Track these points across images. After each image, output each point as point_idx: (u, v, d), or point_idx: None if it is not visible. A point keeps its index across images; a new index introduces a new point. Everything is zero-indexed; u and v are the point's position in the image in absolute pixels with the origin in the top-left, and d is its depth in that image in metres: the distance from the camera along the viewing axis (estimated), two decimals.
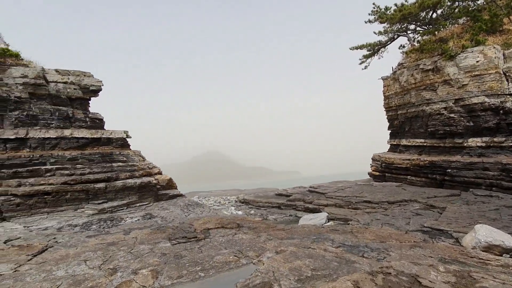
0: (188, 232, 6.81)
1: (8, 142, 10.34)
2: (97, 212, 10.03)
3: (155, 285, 4.06)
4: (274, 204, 13.37)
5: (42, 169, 10.35)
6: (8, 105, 10.75)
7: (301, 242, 5.78)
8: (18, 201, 9.36)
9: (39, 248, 6.12)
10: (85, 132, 11.96)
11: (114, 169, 11.72)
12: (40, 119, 11.27)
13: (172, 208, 11.54)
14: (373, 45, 19.90)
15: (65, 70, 12.43)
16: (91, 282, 4.25)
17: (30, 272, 4.84)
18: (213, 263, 4.74)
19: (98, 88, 13.04)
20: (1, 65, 10.98)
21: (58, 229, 8.49)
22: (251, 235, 6.44)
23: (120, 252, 5.62)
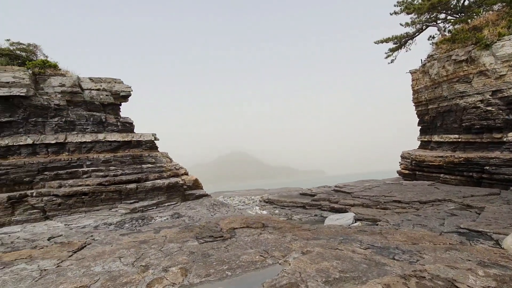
0: (214, 231, 6.96)
1: (50, 147, 11.22)
2: (129, 211, 10.56)
3: (184, 282, 4.21)
4: (298, 204, 13.26)
5: (79, 171, 11.10)
6: (49, 112, 11.65)
7: (327, 243, 5.69)
8: (59, 201, 10.12)
9: (78, 245, 6.58)
10: (117, 135, 12.64)
11: (144, 170, 12.28)
12: (76, 124, 12.09)
13: (198, 207, 11.85)
14: (400, 37, 19.02)
15: (97, 77, 13.22)
16: (125, 278, 4.49)
17: (71, 267, 5.22)
18: (240, 263, 4.81)
19: (128, 94, 13.71)
20: (42, 75, 11.93)
21: (95, 227, 9.05)
22: (276, 235, 6.45)
23: (151, 250, 5.88)
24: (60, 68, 12.65)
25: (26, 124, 11.15)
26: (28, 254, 6.07)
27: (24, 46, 12.60)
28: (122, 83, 13.80)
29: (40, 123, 11.40)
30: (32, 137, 10.95)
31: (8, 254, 6.15)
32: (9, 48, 12.21)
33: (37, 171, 10.53)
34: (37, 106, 11.34)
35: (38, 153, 11.02)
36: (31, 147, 10.91)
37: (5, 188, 10.00)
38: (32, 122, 11.23)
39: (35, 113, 11.32)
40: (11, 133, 10.86)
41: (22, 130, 11.03)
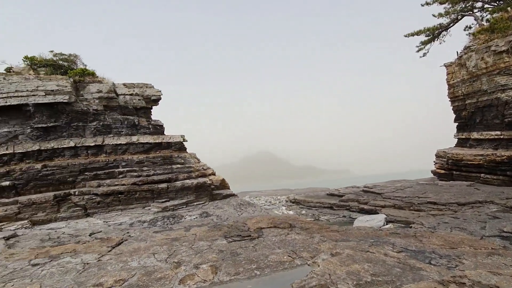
0: (242, 230, 7.08)
1: (89, 149, 12.08)
2: (161, 210, 11.05)
3: (215, 280, 4.34)
4: (325, 204, 13.04)
5: (116, 171, 11.84)
6: (88, 117, 12.55)
7: (357, 245, 5.55)
8: (98, 200, 10.87)
9: (116, 241, 7.02)
10: (149, 137, 13.28)
11: (173, 170, 12.78)
12: (112, 128, 12.89)
13: (226, 207, 12.08)
14: (433, 29, 17.92)
15: (131, 83, 13.99)
16: (160, 274, 4.73)
17: (110, 262, 5.59)
18: (268, 262, 4.85)
19: (158, 98, 14.36)
20: (82, 83, 12.88)
21: (130, 225, 9.59)
22: (304, 236, 6.41)
23: (182, 247, 6.12)
24: (97, 76, 13.57)
25: (68, 128, 12.10)
26: (72, 248, 6.60)
27: (65, 56, 13.69)
28: (152, 87, 14.48)
29: (81, 127, 12.31)
30: (74, 140, 11.87)
31: (55, 248, 6.72)
32: (52, 59, 13.32)
33: (79, 171, 11.40)
34: (78, 112, 12.26)
35: (80, 155, 11.92)
36: (73, 150, 11.83)
37: (52, 187, 10.95)
38: (74, 126, 12.17)
39: (76, 118, 12.26)
40: (56, 137, 11.86)
41: (65, 134, 12.00)
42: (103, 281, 4.57)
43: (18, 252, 6.50)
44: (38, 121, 11.53)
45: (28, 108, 11.30)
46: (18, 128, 11.37)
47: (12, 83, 11.14)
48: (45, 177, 10.89)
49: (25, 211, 9.83)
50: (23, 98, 11.17)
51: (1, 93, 10.91)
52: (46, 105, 11.57)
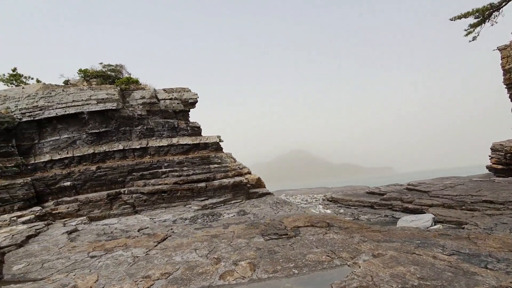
0: (279, 229, 7.10)
1: (136, 151, 13.07)
2: (200, 208, 11.55)
3: (253, 277, 4.43)
4: (365, 203, 12.50)
5: (159, 171, 12.65)
6: (134, 121, 13.57)
7: (402, 246, 5.24)
8: (145, 198, 11.72)
9: (161, 236, 7.50)
10: (187, 139, 13.95)
11: (211, 170, 13.26)
12: (155, 131, 13.79)
13: (262, 205, 12.21)
14: (483, 10, 16.05)
15: (170, 88, 14.83)
16: (201, 269, 4.96)
17: (156, 256, 6.00)
18: (306, 261, 4.82)
19: (195, 101, 15.01)
20: (127, 90, 13.97)
21: (173, 222, 10.18)
22: (342, 235, 6.23)
23: (221, 244, 6.34)
24: (140, 83, 14.62)
25: (117, 133, 13.22)
26: (124, 242, 7.21)
27: (113, 66, 14.96)
28: (190, 91, 15.17)
29: (128, 131, 13.37)
30: (122, 144, 12.94)
31: (110, 242, 7.40)
32: (102, 70, 14.65)
33: (127, 172, 12.40)
34: (125, 117, 13.33)
35: (127, 157, 12.96)
36: (122, 152, 12.90)
37: (105, 187, 12.07)
38: (121, 130, 13.26)
39: (124, 123, 13.34)
40: (107, 141, 13.03)
41: (115, 138, 13.13)
42: (150, 274, 4.93)
43: (78, 245, 7.29)
44: (91, 127, 12.79)
45: (83, 115, 12.58)
46: (75, 134, 12.73)
47: (70, 94, 12.50)
48: (99, 177, 12.05)
49: (84, 208, 10.98)
50: (79, 107, 12.47)
51: (61, 103, 12.31)
52: (98, 113, 12.78)
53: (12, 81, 13.81)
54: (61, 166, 12.04)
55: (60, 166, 12.01)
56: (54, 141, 12.41)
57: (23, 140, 12.13)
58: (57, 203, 10.96)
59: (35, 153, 12.20)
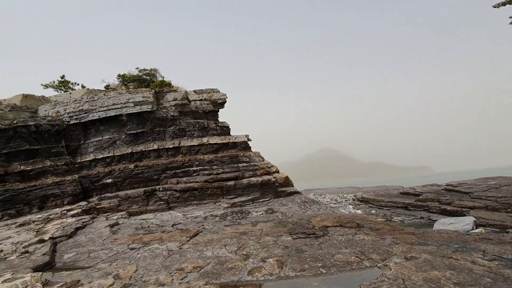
0: (307, 228, 7.10)
1: (169, 151, 13.77)
2: (229, 205, 11.87)
3: (281, 274, 4.52)
4: (399, 204, 11.96)
5: (190, 170, 13.21)
6: (167, 122, 14.29)
7: (438, 250, 5.00)
8: (178, 195, 12.32)
9: (193, 232, 7.87)
10: (217, 138, 14.37)
11: (240, 169, 13.54)
12: (186, 131, 14.39)
13: (290, 204, 12.22)
14: None
15: (200, 89, 15.36)
16: (231, 264, 5.15)
17: (189, 250, 6.33)
18: (334, 261, 4.80)
19: (224, 101, 15.39)
20: (161, 93, 14.74)
21: (204, 218, 10.59)
22: (373, 237, 6.08)
23: (250, 241, 6.51)
24: (173, 85, 15.33)
25: (152, 133, 14.02)
26: (159, 236, 7.68)
27: (147, 71, 15.86)
28: (219, 92, 15.59)
29: (162, 132, 14.12)
30: (157, 143, 13.70)
31: (147, 235, 7.93)
32: (138, 74, 15.60)
33: (161, 170, 13.12)
34: (159, 118, 14.09)
35: (162, 156, 13.69)
36: (156, 152, 13.67)
37: (142, 184, 12.88)
38: (156, 131, 14.04)
39: (158, 124, 14.10)
40: (143, 141, 13.88)
41: (150, 138, 13.94)
42: (184, 267, 5.24)
43: (119, 238, 7.91)
44: (129, 128, 13.71)
45: (122, 117, 13.52)
46: (115, 135, 13.72)
47: (110, 98, 13.50)
48: (137, 175, 12.89)
49: (123, 204, 11.83)
50: (118, 110, 13.43)
51: (103, 107, 13.35)
52: (135, 114, 13.66)
53: (61, 87, 15.29)
54: (103, 164, 13.08)
55: (102, 165, 13.06)
56: (97, 142, 13.52)
57: (71, 141, 13.37)
58: (100, 199, 11.94)
59: (81, 153, 13.39)
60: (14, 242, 7.31)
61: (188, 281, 4.57)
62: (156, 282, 4.61)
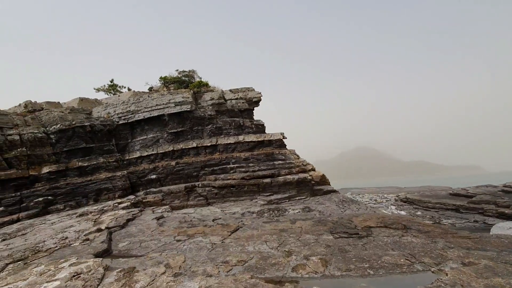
0: (348, 227, 6.93)
1: (207, 149, 14.28)
2: (266, 202, 11.98)
3: (325, 273, 4.49)
4: (449, 206, 11.10)
5: (227, 167, 13.57)
6: (205, 121, 14.83)
7: (498, 256, 4.59)
8: (216, 191, 12.74)
9: (233, 227, 8.10)
10: (252, 136, 14.57)
11: (275, 166, 13.59)
12: (223, 129, 14.79)
13: (327, 203, 11.99)
14: None
15: (235, 88, 15.67)
16: (273, 260, 5.23)
17: (231, 244, 6.53)
18: (382, 263, 4.64)
19: (259, 99, 15.53)
20: (199, 93, 15.31)
21: (242, 214, 10.83)
22: (423, 239, 5.75)
23: (290, 239, 6.53)
24: (209, 85, 15.84)
25: (191, 132, 14.65)
26: (202, 230, 8.03)
27: (186, 72, 16.58)
28: (253, 90, 15.76)
29: (200, 130, 14.69)
30: (195, 142, 14.29)
31: (190, 229, 8.34)
32: (178, 76, 16.37)
33: (200, 167, 13.66)
34: (197, 117, 14.67)
35: (200, 153, 14.25)
36: (195, 149, 14.26)
37: (182, 180, 13.54)
38: (195, 130, 14.64)
39: (196, 122, 14.69)
40: (183, 139, 14.56)
41: (189, 136, 14.59)
42: (228, 260, 5.43)
43: (166, 230, 8.42)
44: (171, 127, 14.47)
45: (164, 117, 14.32)
46: (158, 134, 14.58)
47: (153, 99, 14.36)
48: (178, 172, 13.59)
49: (166, 198, 12.55)
50: (161, 110, 14.24)
51: (147, 108, 14.26)
52: (175, 114, 14.38)
53: (110, 91, 16.64)
54: (148, 161, 14.00)
55: (147, 162, 13.98)
56: (142, 140, 14.50)
57: (120, 139, 14.51)
58: (146, 193, 12.80)
59: (129, 150, 14.46)
60: (76, 230, 8.15)
61: (234, 273, 4.74)
62: (204, 273, 4.85)
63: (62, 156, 12.39)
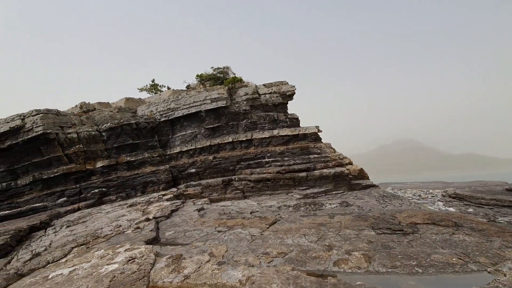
0: (391, 223, 6.67)
1: (242, 143, 14.58)
2: (302, 196, 11.94)
3: (369, 269, 4.40)
4: (505, 203, 10.08)
5: (263, 161, 13.75)
6: (239, 116, 15.11)
7: None
8: (252, 185, 13.01)
9: (271, 220, 8.24)
10: (287, 130, 14.53)
11: (311, 160, 13.44)
12: (257, 124, 14.96)
13: (366, 198, 11.59)
14: None
15: (269, 83, 15.70)
16: (314, 253, 5.25)
17: (270, 236, 6.67)
18: (431, 261, 4.43)
19: (293, 93, 15.39)
20: (233, 89, 15.61)
21: (278, 208, 10.93)
22: (477, 238, 5.34)
23: (329, 233, 6.48)
24: (243, 81, 16.05)
25: (227, 127, 15.04)
26: (241, 222, 8.29)
27: (221, 69, 16.98)
28: (287, 84, 15.64)
29: (235, 125, 15.02)
30: (231, 136, 14.66)
31: (230, 220, 8.65)
32: (213, 73, 16.84)
33: (236, 161, 14.01)
34: (232, 113, 15.00)
35: (236, 148, 14.60)
36: (231, 144, 14.64)
37: (219, 174, 14.02)
38: (230, 125, 15.01)
39: (231, 118, 15.04)
40: (219, 135, 15.02)
41: (225, 131, 15.00)
42: (269, 251, 5.58)
43: (207, 221, 8.84)
44: (207, 123, 15.01)
45: (201, 113, 14.88)
46: (196, 129, 15.22)
47: (191, 96, 14.98)
48: (215, 166, 14.10)
49: (205, 191, 13.12)
50: (198, 107, 14.81)
51: (186, 105, 14.92)
52: (212, 110, 14.86)
53: (152, 90, 17.70)
54: (187, 156, 14.72)
55: (187, 156, 14.71)
56: (182, 136, 15.25)
57: (162, 136, 15.43)
58: (186, 186, 13.51)
59: (170, 146, 15.33)
60: (128, 219, 8.93)
61: (275, 265, 4.86)
62: (246, 263, 5.04)
63: (113, 152, 13.56)
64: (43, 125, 11.78)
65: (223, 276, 4.41)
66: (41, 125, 11.75)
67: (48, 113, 12.40)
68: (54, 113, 12.74)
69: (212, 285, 4.17)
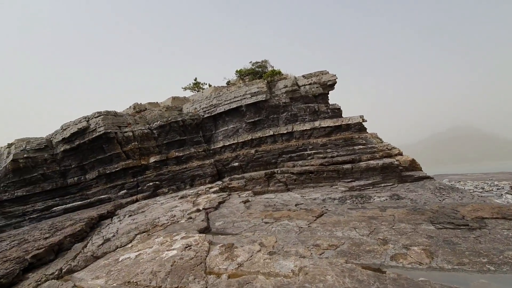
0: (453, 218, 6.14)
1: (283, 136, 14.54)
2: (347, 189, 11.56)
3: (432, 264, 4.14)
4: None
5: (305, 154, 13.57)
6: (279, 109, 15.06)
7: None
8: (294, 177, 12.95)
9: (318, 212, 8.15)
10: (329, 121, 14.10)
11: (356, 151, 12.90)
12: (298, 116, 14.76)
13: (420, 190, 10.79)
14: None
15: (308, 74, 15.33)
16: (368, 247, 5.08)
17: (318, 229, 6.61)
18: (504, 259, 4.00)
19: (334, 82, 14.83)
20: (272, 82, 15.57)
21: (323, 200, 10.75)
22: None
23: (382, 227, 6.20)
24: (282, 73, 15.91)
25: (267, 121, 15.12)
26: (287, 214, 8.34)
27: (259, 63, 17.02)
28: (328, 73, 15.11)
29: (275, 119, 15.02)
30: (272, 130, 14.71)
31: (275, 212, 8.76)
32: (251, 68, 16.96)
33: (278, 154, 14.05)
34: (272, 106, 15.00)
35: (277, 141, 14.63)
36: (272, 137, 14.69)
37: (262, 167, 14.21)
38: (270, 118, 15.05)
39: (272, 111, 15.06)
40: (260, 128, 15.17)
41: (266, 125, 15.10)
42: (319, 243, 5.54)
43: (253, 212, 9.07)
44: (248, 117, 15.24)
45: (242, 108, 15.15)
46: (238, 124, 15.57)
47: (232, 92, 15.31)
48: (257, 159, 14.31)
49: (248, 184, 13.43)
50: (238, 102, 15.10)
51: (227, 100, 15.31)
52: (252, 105, 15.04)
53: (194, 88, 18.52)
54: (230, 150, 15.17)
55: (229, 150, 15.17)
56: (224, 131, 15.75)
57: (205, 131, 16.11)
58: (230, 179, 13.97)
59: (213, 141, 15.95)
60: (181, 210, 9.56)
61: (327, 257, 4.83)
62: (297, 254, 5.09)
63: (163, 148, 14.57)
64: (104, 125, 13.12)
65: (275, 266, 4.51)
66: (102, 126, 13.11)
67: (108, 115, 13.76)
68: (112, 114, 14.08)
69: (265, 274, 4.29)
